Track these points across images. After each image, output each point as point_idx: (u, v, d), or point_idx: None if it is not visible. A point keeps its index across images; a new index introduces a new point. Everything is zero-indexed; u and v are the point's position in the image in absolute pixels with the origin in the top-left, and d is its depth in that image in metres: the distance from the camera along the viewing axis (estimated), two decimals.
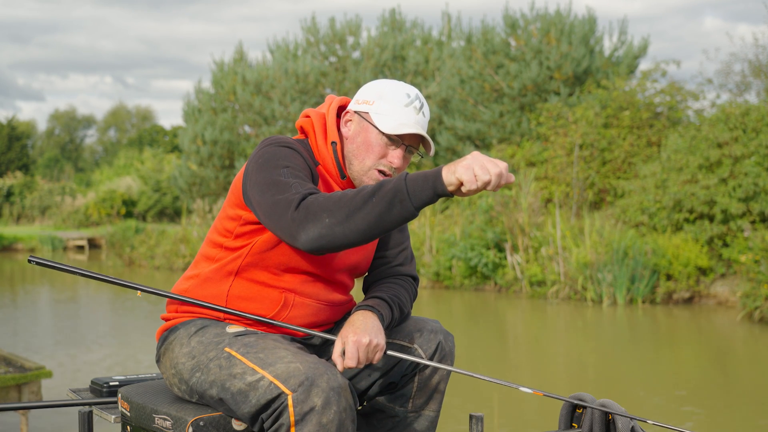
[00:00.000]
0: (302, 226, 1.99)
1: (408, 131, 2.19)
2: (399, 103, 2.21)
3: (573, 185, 17.00)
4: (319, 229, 1.98)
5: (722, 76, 20.08)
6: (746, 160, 13.47)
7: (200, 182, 25.54)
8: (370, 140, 2.22)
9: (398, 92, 2.23)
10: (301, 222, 1.99)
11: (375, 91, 2.25)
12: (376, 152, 2.22)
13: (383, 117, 2.21)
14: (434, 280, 15.69)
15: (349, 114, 2.28)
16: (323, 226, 1.97)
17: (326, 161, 2.26)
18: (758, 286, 11.58)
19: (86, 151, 65.48)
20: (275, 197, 2.05)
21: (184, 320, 2.31)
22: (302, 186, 2.05)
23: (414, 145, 2.25)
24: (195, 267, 2.35)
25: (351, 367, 2.10)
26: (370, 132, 2.22)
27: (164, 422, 2.18)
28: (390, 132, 2.19)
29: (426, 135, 2.22)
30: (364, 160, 2.23)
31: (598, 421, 2.37)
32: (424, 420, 2.37)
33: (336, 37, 24.59)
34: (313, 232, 1.98)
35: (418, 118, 2.22)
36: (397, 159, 2.22)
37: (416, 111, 2.22)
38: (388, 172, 2.22)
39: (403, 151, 2.23)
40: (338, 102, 2.33)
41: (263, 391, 2.01)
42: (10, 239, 27.74)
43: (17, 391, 5.73)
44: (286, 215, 2.01)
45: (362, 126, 2.24)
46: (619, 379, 8.12)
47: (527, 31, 20.65)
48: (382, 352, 2.13)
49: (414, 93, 2.24)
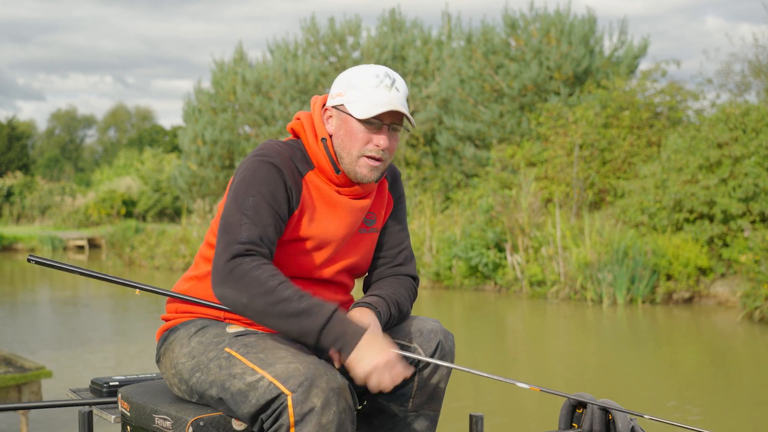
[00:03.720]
0: (221, 285, 2.08)
1: (381, 111, 2.19)
2: (369, 86, 2.22)
3: (573, 185, 17.00)
4: (233, 301, 2.07)
5: (722, 76, 20.09)
6: (746, 160, 13.47)
7: (200, 182, 25.54)
8: (351, 130, 2.23)
9: (366, 76, 2.24)
10: (223, 281, 2.07)
11: (345, 82, 2.26)
12: (359, 140, 2.23)
13: (357, 104, 2.22)
14: (434, 280, 15.68)
15: (328, 110, 2.30)
16: (237, 303, 2.06)
17: (320, 159, 2.27)
18: (758, 286, 11.58)
19: (86, 151, 65.52)
20: (223, 233, 2.13)
21: (184, 320, 2.31)
22: (249, 230, 2.10)
23: (397, 122, 2.25)
24: (195, 268, 2.36)
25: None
26: (349, 122, 2.23)
27: (164, 422, 2.18)
28: (365, 117, 2.20)
29: (402, 108, 2.21)
30: (351, 151, 2.23)
31: (598, 420, 2.37)
32: (424, 419, 2.37)
33: (336, 37, 24.59)
34: (228, 297, 2.07)
35: (391, 95, 2.22)
36: (383, 141, 2.23)
37: (388, 88, 2.22)
38: (377, 156, 2.23)
39: (386, 132, 2.24)
40: (322, 100, 2.34)
41: (263, 392, 2.01)
42: (10, 239, 27.74)
43: (17, 391, 5.73)
44: (219, 261, 2.09)
45: (341, 118, 2.25)
46: (619, 379, 8.12)
47: (527, 31, 20.64)
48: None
49: (382, 72, 2.24)
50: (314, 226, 2.25)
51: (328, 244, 2.28)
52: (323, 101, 2.34)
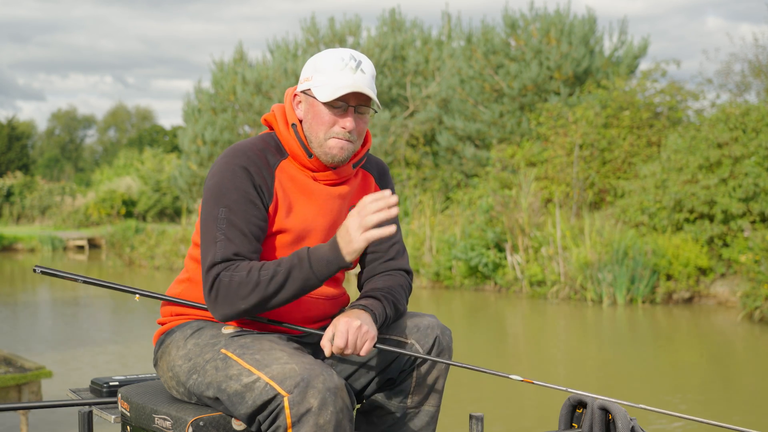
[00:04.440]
0: (216, 309, 2.15)
1: (343, 92, 2.20)
2: (334, 70, 2.23)
3: (573, 185, 17.00)
4: (236, 315, 2.15)
5: (722, 76, 20.09)
6: (746, 160, 13.47)
7: (200, 182, 25.53)
8: (317, 113, 2.25)
9: (331, 59, 2.25)
10: (215, 304, 2.14)
11: (311, 66, 2.29)
12: (325, 122, 2.25)
13: (322, 88, 2.24)
14: (434, 280, 15.67)
15: (298, 96, 2.32)
16: (240, 313, 2.14)
17: (291, 145, 2.29)
18: (758, 286, 11.58)
19: (86, 151, 65.49)
20: (203, 256, 2.19)
21: (179, 323, 2.32)
22: (223, 248, 2.15)
23: (363, 103, 2.27)
24: (185, 270, 2.38)
25: (340, 347, 2.12)
26: (315, 106, 2.26)
27: (164, 422, 2.18)
28: (328, 99, 2.22)
29: (366, 90, 2.22)
30: (318, 134, 2.26)
31: (598, 420, 2.37)
32: (424, 416, 2.37)
33: (336, 37, 24.58)
34: (230, 315, 2.15)
35: (356, 77, 2.23)
36: (348, 123, 2.24)
37: (352, 71, 2.23)
38: (342, 137, 2.25)
39: (352, 114, 2.25)
40: (293, 89, 2.37)
41: (259, 393, 2.02)
42: (10, 239, 27.73)
43: (17, 391, 5.73)
44: (204, 288, 2.16)
45: (309, 102, 2.28)
46: (619, 379, 8.12)
47: (527, 31, 20.64)
48: (372, 342, 2.15)
49: (348, 54, 2.26)
50: (292, 217, 2.26)
51: (310, 234, 2.28)
52: (294, 89, 2.36)
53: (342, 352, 2.13)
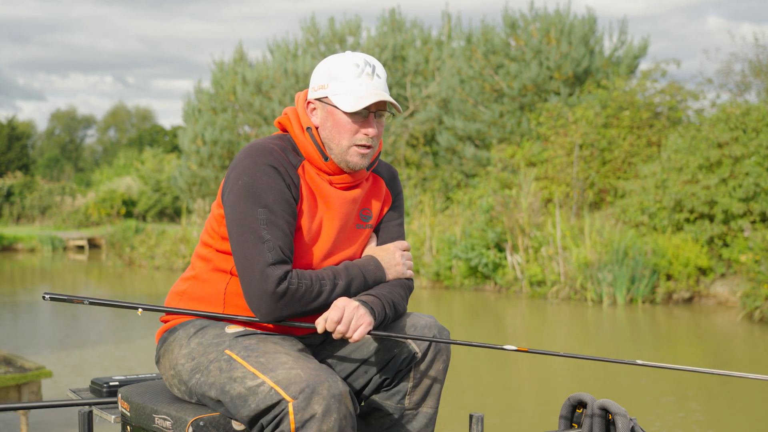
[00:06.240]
0: (274, 312, 2.15)
1: (369, 102, 2.21)
2: (351, 77, 2.23)
3: (573, 185, 17.00)
4: (290, 316, 2.18)
5: (722, 76, 20.10)
6: (746, 160, 13.47)
7: (200, 182, 25.53)
8: (339, 122, 2.25)
9: (346, 66, 2.25)
10: (273, 308, 2.14)
11: (326, 73, 2.28)
12: (348, 131, 2.25)
13: (342, 96, 2.23)
14: (434, 280, 15.67)
15: (312, 103, 2.31)
16: (294, 314, 2.18)
17: (307, 149, 2.29)
18: (758, 286, 11.57)
19: (86, 151, 65.49)
20: (248, 255, 2.15)
21: (182, 321, 2.32)
22: (274, 249, 2.15)
23: (382, 108, 2.28)
24: (191, 268, 2.38)
25: (334, 321, 2.14)
26: (336, 114, 2.25)
27: (164, 422, 2.18)
28: (352, 110, 2.22)
29: (386, 97, 2.24)
30: (341, 142, 2.26)
31: (598, 420, 2.37)
32: (422, 417, 2.37)
33: (336, 37, 24.58)
34: (285, 316, 2.17)
35: (374, 84, 2.24)
36: (372, 130, 2.26)
37: (370, 77, 2.24)
38: (367, 144, 2.26)
39: (374, 120, 2.27)
40: (304, 94, 2.36)
41: (263, 397, 2.02)
42: (10, 239, 27.73)
43: (17, 391, 5.73)
44: (259, 287, 2.13)
45: (327, 111, 2.27)
46: (618, 380, 8.12)
47: (527, 31, 20.64)
48: (367, 328, 2.17)
49: (362, 60, 2.26)
50: (309, 217, 2.27)
51: (323, 237, 2.29)
52: (306, 95, 2.36)
53: (335, 328, 2.14)
